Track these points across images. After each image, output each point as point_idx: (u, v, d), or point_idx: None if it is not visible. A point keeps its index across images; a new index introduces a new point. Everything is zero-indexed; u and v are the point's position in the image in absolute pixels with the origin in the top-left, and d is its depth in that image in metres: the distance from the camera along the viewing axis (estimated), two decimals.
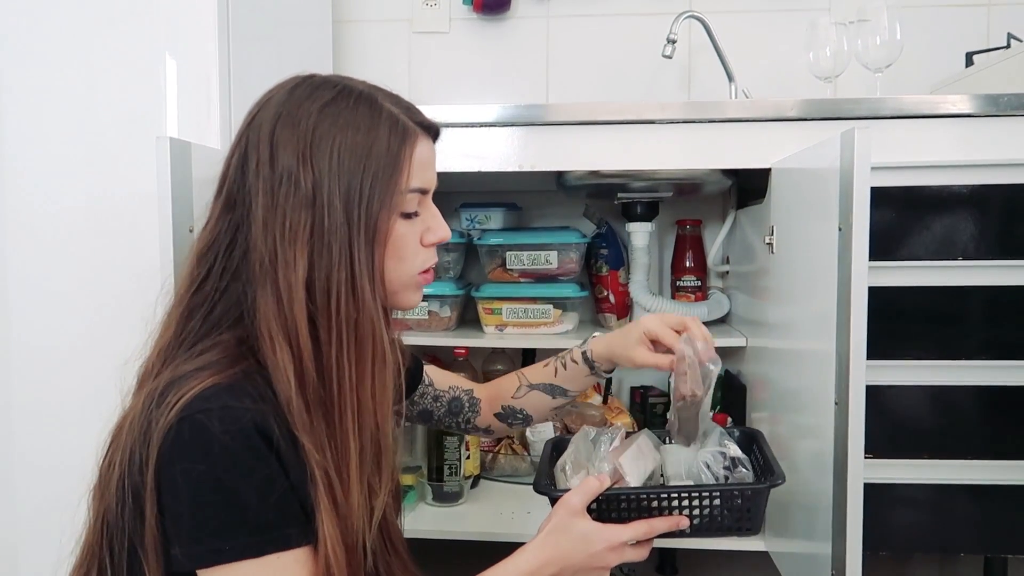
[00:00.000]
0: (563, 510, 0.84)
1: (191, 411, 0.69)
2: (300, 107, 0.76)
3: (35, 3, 1.30)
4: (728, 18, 1.84)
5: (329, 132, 0.75)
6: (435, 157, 0.83)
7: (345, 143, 0.75)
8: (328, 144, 0.75)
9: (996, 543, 1.28)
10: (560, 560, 0.82)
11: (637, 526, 0.85)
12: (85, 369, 1.29)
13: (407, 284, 0.82)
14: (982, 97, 1.25)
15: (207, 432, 0.68)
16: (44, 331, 1.32)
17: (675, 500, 0.87)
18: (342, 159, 0.74)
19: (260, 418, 0.70)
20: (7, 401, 1.32)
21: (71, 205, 1.31)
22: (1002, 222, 1.24)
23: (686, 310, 1.64)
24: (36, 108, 1.31)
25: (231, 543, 0.69)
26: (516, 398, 1.11)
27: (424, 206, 0.82)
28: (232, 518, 0.69)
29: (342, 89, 0.78)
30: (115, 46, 1.30)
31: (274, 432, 0.71)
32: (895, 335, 1.25)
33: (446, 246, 1.58)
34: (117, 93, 1.30)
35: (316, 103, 0.76)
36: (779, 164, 1.27)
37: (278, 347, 0.73)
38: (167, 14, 1.31)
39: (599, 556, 0.83)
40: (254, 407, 0.70)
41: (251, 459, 0.69)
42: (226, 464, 0.68)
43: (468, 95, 1.94)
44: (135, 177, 1.28)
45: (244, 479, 0.68)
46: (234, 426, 0.68)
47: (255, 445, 0.69)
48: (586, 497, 0.84)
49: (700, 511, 0.87)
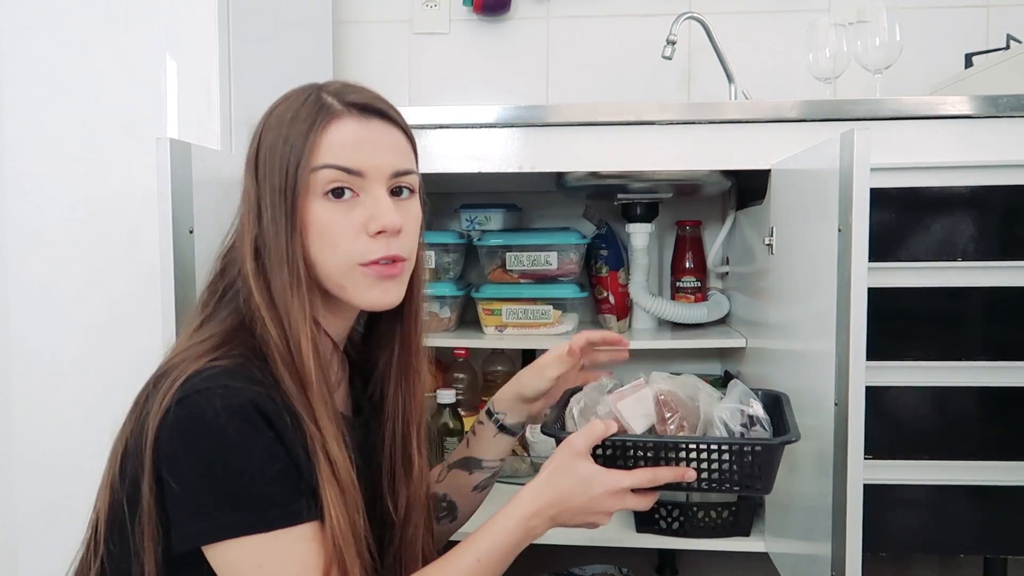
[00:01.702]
0: (566, 450, 0.82)
1: (189, 391, 0.70)
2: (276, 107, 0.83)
3: (35, 3, 1.30)
4: (728, 19, 1.84)
5: (273, 123, 0.81)
6: (373, 138, 0.80)
7: (272, 126, 0.80)
8: (267, 130, 0.81)
9: (996, 544, 1.28)
10: (560, 502, 0.80)
11: (641, 473, 0.82)
12: (85, 369, 1.29)
13: (348, 275, 0.79)
14: (981, 98, 1.25)
15: (207, 411, 0.69)
16: (43, 331, 1.32)
17: (683, 452, 0.83)
18: (272, 142, 0.79)
19: (258, 397, 0.71)
20: (7, 402, 1.32)
21: (71, 205, 1.31)
22: (1001, 223, 1.25)
23: (686, 311, 1.64)
24: (36, 108, 1.31)
25: (238, 516, 0.69)
26: (439, 482, 1.03)
27: (366, 191, 0.79)
28: (238, 492, 0.69)
29: (308, 86, 0.83)
30: (115, 46, 1.30)
31: (272, 411, 0.72)
32: (895, 336, 1.25)
33: (446, 247, 1.58)
34: (117, 94, 1.30)
35: (282, 100, 0.83)
36: (779, 165, 1.27)
37: (262, 321, 0.77)
38: (167, 14, 1.31)
39: (599, 500, 0.80)
40: (251, 387, 0.72)
41: (252, 435, 0.70)
42: (228, 440, 0.69)
43: (468, 96, 1.94)
44: (135, 177, 1.28)
45: (247, 454, 0.69)
46: (234, 402, 0.70)
47: (254, 422, 0.70)
48: (590, 440, 0.82)
49: (708, 465, 0.84)
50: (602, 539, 1.36)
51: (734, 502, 1.33)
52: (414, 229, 0.84)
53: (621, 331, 1.66)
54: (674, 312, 1.63)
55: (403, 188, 0.83)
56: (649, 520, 1.35)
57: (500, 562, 0.80)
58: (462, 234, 1.63)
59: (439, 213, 1.81)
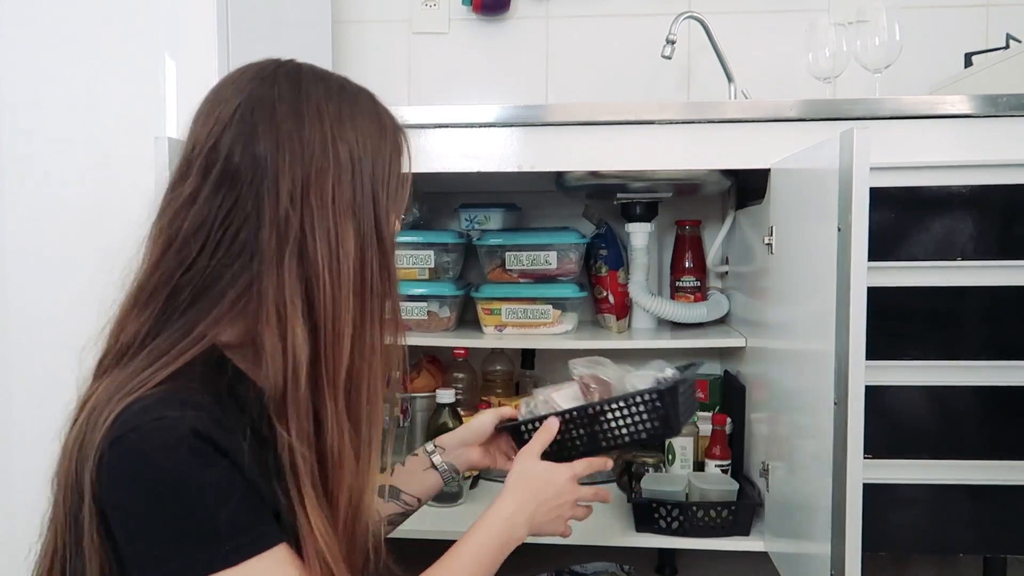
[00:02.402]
0: (524, 456, 0.96)
1: (123, 429, 0.64)
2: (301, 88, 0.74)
3: (35, 4, 1.30)
4: (727, 19, 1.84)
5: (350, 114, 0.75)
6: None
7: (363, 126, 0.75)
8: (350, 125, 0.74)
9: (995, 543, 1.28)
10: (533, 498, 0.91)
11: (579, 463, 0.97)
12: (84, 371, 1.29)
13: None
14: (981, 98, 1.25)
15: (144, 449, 0.64)
16: (43, 331, 1.32)
17: (601, 418, 1.01)
18: (365, 142, 0.75)
19: (198, 423, 0.65)
20: (6, 402, 1.32)
21: (70, 205, 1.31)
22: (1001, 222, 1.25)
23: (686, 310, 1.64)
24: (36, 108, 1.31)
25: (202, 554, 0.64)
26: None
27: None
28: (197, 529, 0.64)
29: (336, 77, 0.78)
30: (114, 46, 1.30)
31: (217, 435, 0.66)
32: (894, 335, 1.25)
33: (445, 246, 1.58)
34: (117, 93, 1.30)
35: (319, 86, 0.75)
36: (778, 164, 1.27)
37: (291, 325, 0.69)
38: (166, 14, 1.31)
39: (564, 488, 0.94)
40: (191, 413, 0.66)
41: (199, 466, 0.64)
42: (176, 475, 0.63)
43: (467, 95, 1.94)
44: (135, 177, 1.27)
45: (198, 485, 0.64)
46: (172, 437, 0.64)
47: (200, 450, 0.65)
48: (542, 443, 0.97)
49: (624, 420, 1.01)
50: (602, 539, 1.36)
51: (734, 502, 1.33)
52: None
53: (620, 331, 1.66)
54: (674, 312, 1.63)
55: None
56: (649, 519, 1.35)
57: (492, 562, 0.86)
58: (461, 233, 1.63)
59: (438, 212, 1.81)
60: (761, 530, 1.33)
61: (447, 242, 1.58)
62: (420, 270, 1.57)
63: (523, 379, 1.74)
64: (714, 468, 1.44)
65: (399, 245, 1.63)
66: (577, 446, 1.01)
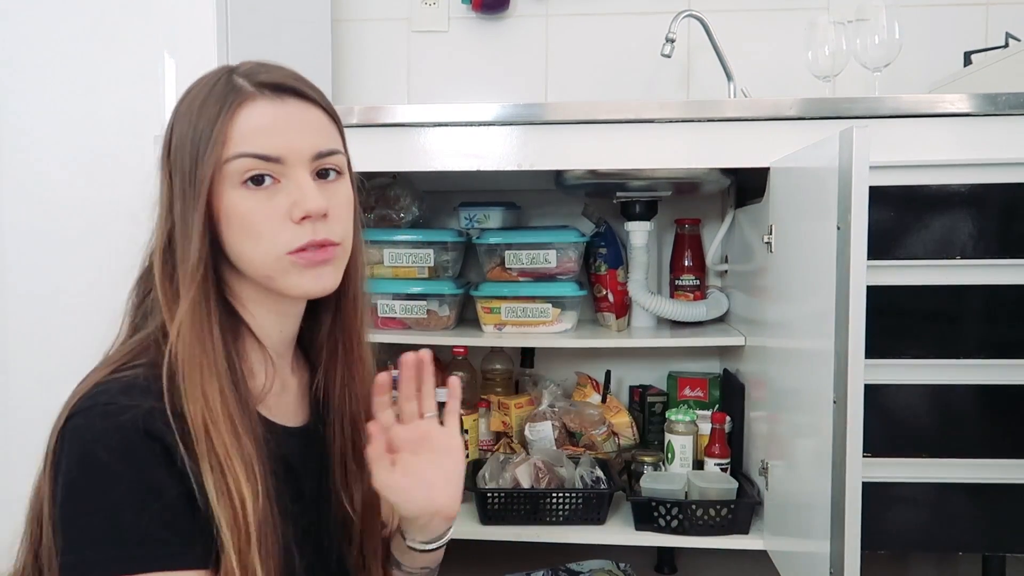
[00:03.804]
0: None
1: (79, 407, 0.65)
2: (188, 93, 0.76)
3: (35, 4, 1.30)
4: (727, 17, 1.84)
5: (183, 110, 0.74)
6: (290, 119, 0.73)
7: (182, 114, 0.74)
8: (178, 119, 0.74)
9: (994, 542, 1.28)
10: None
11: None
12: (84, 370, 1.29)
13: (276, 265, 0.73)
14: (980, 96, 1.25)
15: (83, 435, 0.63)
16: (43, 331, 1.32)
17: (544, 498, 1.36)
18: (183, 131, 0.73)
19: (148, 417, 0.64)
20: (6, 403, 1.32)
21: (70, 204, 1.31)
22: (1000, 221, 1.25)
23: (685, 309, 1.64)
24: (36, 108, 1.31)
25: (103, 555, 0.62)
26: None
27: (287, 177, 0.72)
28: (107, 525, 0.62)
29: (220, 68, 0.76)
30: (114, 46, 1.30)
31: (166, 432, 0.64)
32: (894, 334, 1.25)
33: (445, 245, 1.58)
34: (117, 93, 1.30)
35: (194, 85, 0.76)
36: (778, 163, 1.27)
37: (167, 322, 0.71)
38: (167, 14, 1.31)
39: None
40: (146, 404, 0.64)
41: (126, 464, 0.63)
42: (100, 465, 0.62)
43: (467, 94, 1.94)
44: (135, 177, 1.28)
45: (116, 481, 0.62)
46: (115, 422, 0.63)
47: (134, 448, 0.63)
48: None
49: (563, 504, 1.36)
50: (601, 538, 1.36)
51: (733, 501, 1.34)
52: (345, 212, 0.77)
53: (620, 329, 1.66)
54: (673, 310, 1.63)
55: (329, 170, 0.76)
56: (648, 518, 1.35)
57: None
58: (461, 232, 1.63)
59: (438, 211, 1.81)
60: (760, 529, 1.34)
61: (446, 241, 1.58)
62: (420, 269, 1.57)
63: (522, 377, 1.75)
64: (713, 467, 1.44)
65: (399, 244, 1.64)
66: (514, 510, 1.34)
